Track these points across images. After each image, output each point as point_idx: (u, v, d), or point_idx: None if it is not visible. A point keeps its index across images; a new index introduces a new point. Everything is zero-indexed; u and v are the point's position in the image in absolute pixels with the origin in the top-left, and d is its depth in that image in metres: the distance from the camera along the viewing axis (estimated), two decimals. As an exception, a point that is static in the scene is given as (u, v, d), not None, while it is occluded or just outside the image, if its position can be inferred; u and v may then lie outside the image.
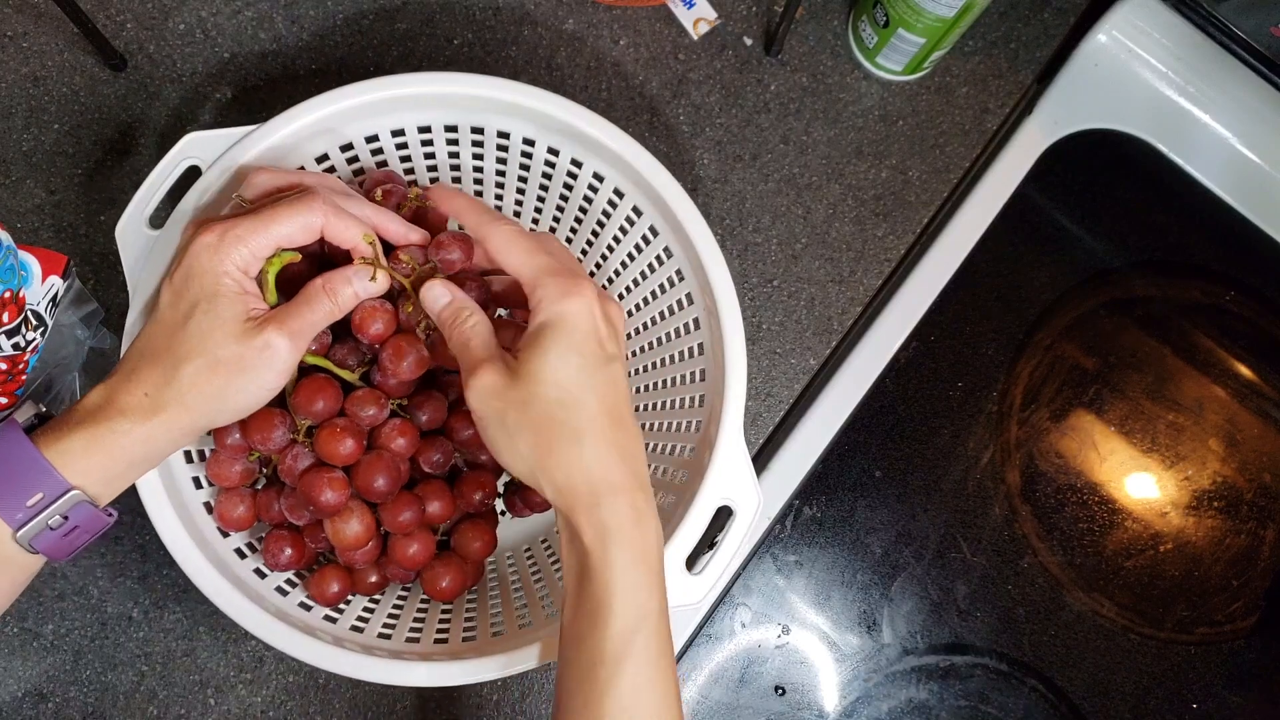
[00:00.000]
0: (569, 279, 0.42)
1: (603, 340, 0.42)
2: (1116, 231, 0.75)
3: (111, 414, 0.40)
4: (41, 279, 0.52)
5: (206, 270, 0.41)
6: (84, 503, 0.40)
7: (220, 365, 0.41)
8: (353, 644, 0.47)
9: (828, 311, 0.67)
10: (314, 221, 0.43)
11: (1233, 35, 0.69)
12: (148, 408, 0.41)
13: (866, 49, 0.68)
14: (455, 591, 0.53)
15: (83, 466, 0.40)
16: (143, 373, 0.41)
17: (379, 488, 0.48)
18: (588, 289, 0.42)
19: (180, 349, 0.41)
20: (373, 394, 0.49)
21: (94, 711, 0.58)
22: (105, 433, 0.40)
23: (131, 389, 0.41)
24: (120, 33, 0.64)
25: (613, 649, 0.39)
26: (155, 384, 0.41)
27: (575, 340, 0.41)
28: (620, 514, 0.40)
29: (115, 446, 0.40)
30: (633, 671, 0.39)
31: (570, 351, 0.41)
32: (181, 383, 0.41)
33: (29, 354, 0.52)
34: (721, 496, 0.49)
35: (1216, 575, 0.70)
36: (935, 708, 0.67)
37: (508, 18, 0.67)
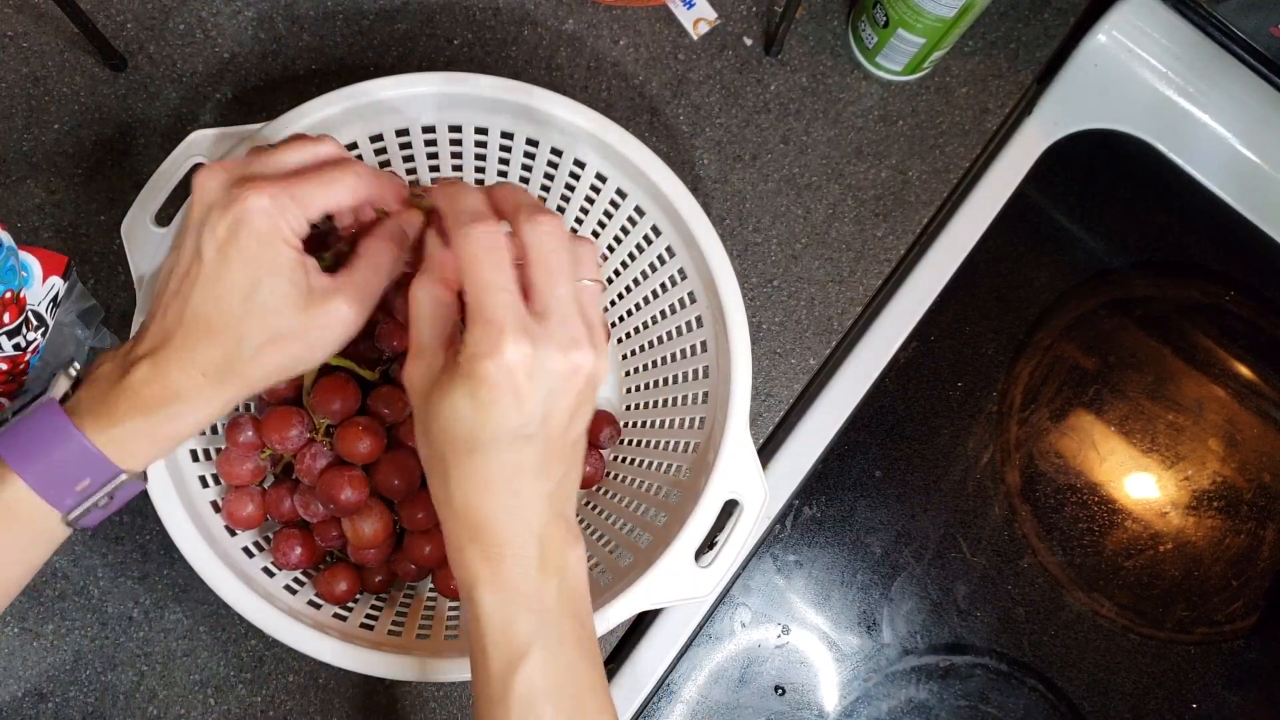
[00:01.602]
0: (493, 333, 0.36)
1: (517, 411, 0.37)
2: (1116, 231, 0.75)
3: (167, 398, 0.39)
4: (42, 279, 0.52)
5: (266, 238, 0.38)
6: (131, 481, 0.40)
7: (286, 340, 0.39)
8: (362, 640, 0.47)
9: (828, 311, 0.67)
10: (361, 191, 0.41)
11: (1233, 35, 0.69)
12: (206, 389, 0.39)
13: (866, 49, 0.68)
14: None
15: (134, 450, 0.39)
16: (198, 350, 0.39)
17: (398, 486, 0.49)
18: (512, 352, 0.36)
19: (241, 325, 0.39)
20: (393, 392, 0.49)
21: (94, 711, 0.58)
22: (161, 420, 0.39)
23: (187, 368, 0.39)
24: (120, 33, 0.64)
25: (496, 691, 0.38)
26: (215, 364, 0.39)
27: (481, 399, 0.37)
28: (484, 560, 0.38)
29: (168, 432, 0.39)
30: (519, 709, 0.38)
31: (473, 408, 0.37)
32: (242, 360, 0.39)
33: (29, 354, 0.52)
34: (729, 490, 0.49)
35: (1216, 575, 0.70)
36: (935, 708, 0.67)
37: (508, 18, 0.67)
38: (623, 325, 0.62)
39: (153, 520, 0.59)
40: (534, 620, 0.39)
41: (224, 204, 0.39)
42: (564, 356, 0.38)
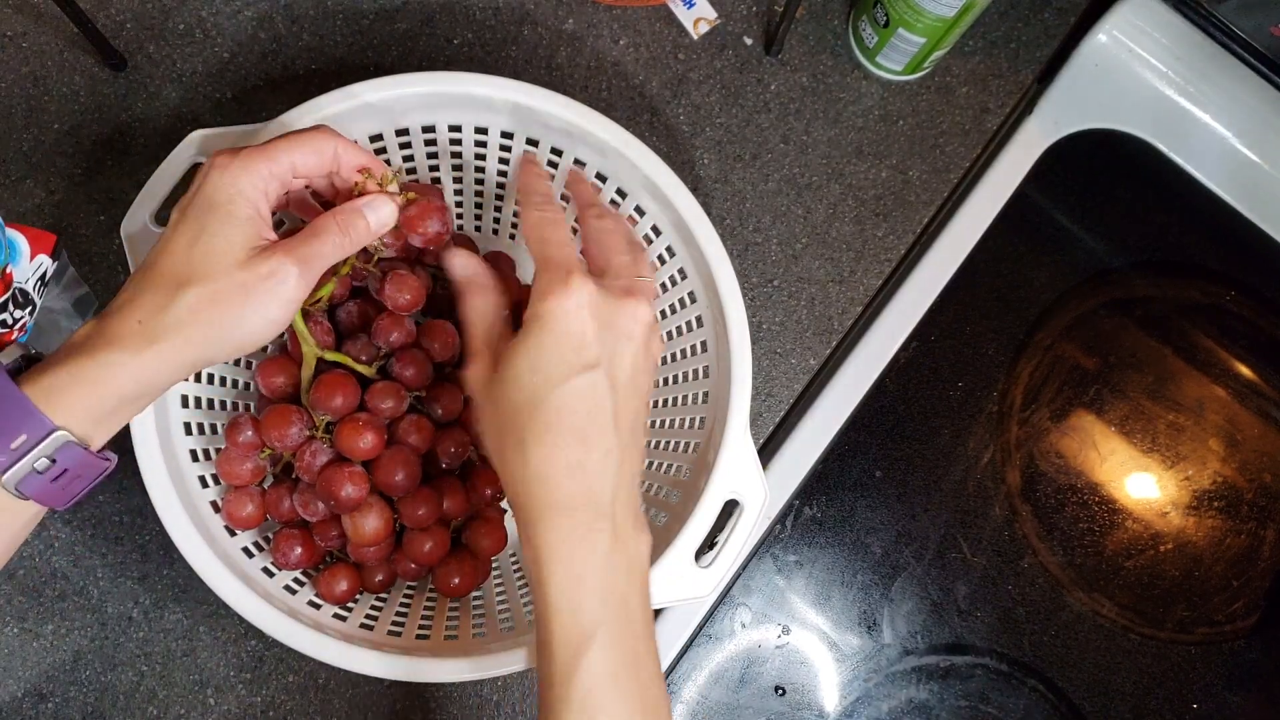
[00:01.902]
0: (561, 275, 0.40)
1: (584, 344, 0.40)
2: (1116, 231, 0.75)
3: (100, 345, 0.37)
4: (30, 257, 0.51)
5: (220, 189, 0.39)
6: (72, 443, 0.37)
7: (223, 292, 0.38)
8: (362, 641, 0.47)
9: (828, 311, 0.67)
10: (327, 147, 0.41)
11: (1233, 35, 0.69)
12: (141, 337, 0.38)
13: (866, 49, 0.68)
14: (467, 588, 0.53)
15: (68, 403, 0.37)
16: (139, 300, 0.38)
17: (399, 482, 0.49)
18: (576, 287, 0.40)
19: (181, 273, 0.38)
20: (391, 386, 0.50)
21: (94, 711, 0.58)
22: (92, 366, 0.37)
23: (125, 317, 0.38)
24: (120, 33, 0.64)
25: (559, 672, 0.38)
26: (150, 310, 0.38)
27: (546, 343, 0.40)
28: (555, 532, 0.39)
29: (103, 380, 0.37)
30: (582, 695, 0.38)
31: (539, 354, 0.40)
32: (179, 310, 0.38)
33: (16, 333, 0.51)
34: (729, 490, 0.49)
35: (1216, 575, 0.70)
36: (935, 708, 0.67)
37: (508, 18, 0.67)
38: None
39: (153, 520, 0.59)
40: (601, 604, 0.39)
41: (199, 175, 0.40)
42: (623, 301, 0.41)
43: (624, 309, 0.41)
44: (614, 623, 0.39)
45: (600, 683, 0.38)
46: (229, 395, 0.54)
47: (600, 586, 0.39)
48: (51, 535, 0.58)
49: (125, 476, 0.59)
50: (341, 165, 0.43)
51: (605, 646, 0.38)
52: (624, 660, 0.39)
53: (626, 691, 0.38)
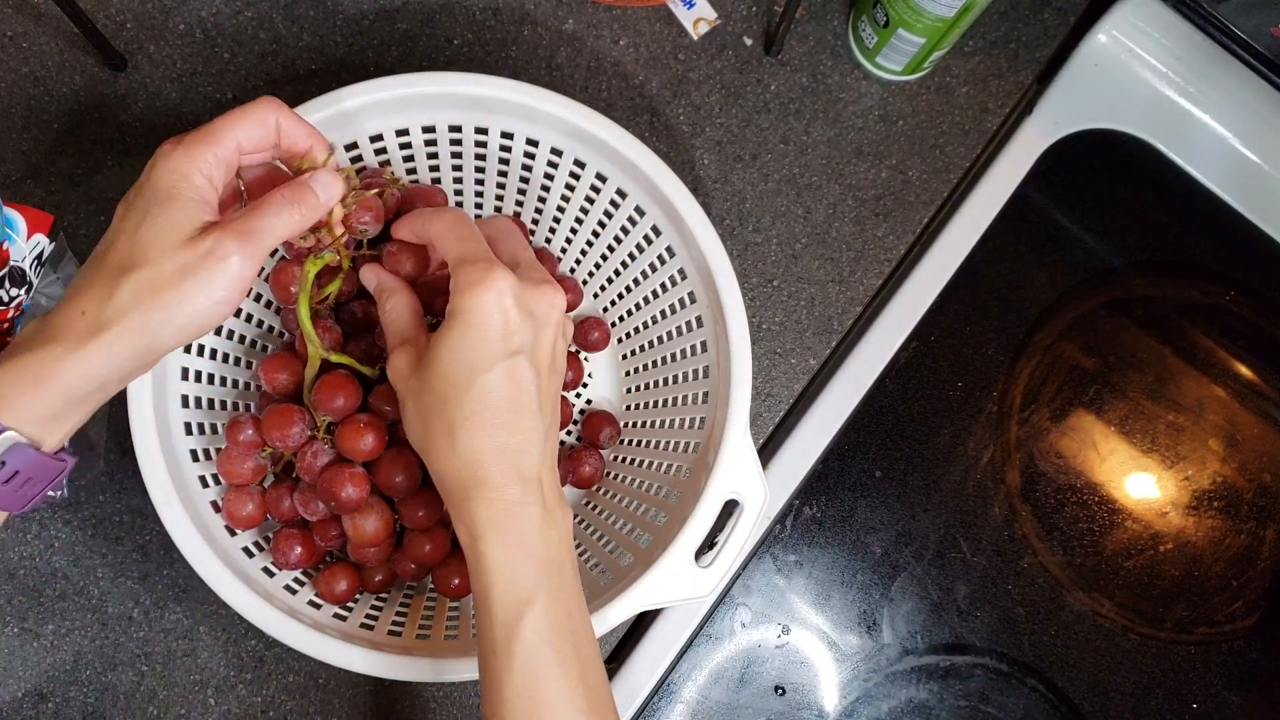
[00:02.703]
0: (482, 268, 0.41)
1: (508, 332, 0.41)
2: (1116, 231, 0.75)
3: (45, 340, 0.36)
4: (26, 236, 0.51)
5: (162, 177, 0.39)
6: (21, 445, 0.36)
7: (164, 277, 0.37)
8: (362, 641, 0.47)
9: (828, 311, 0.67)
10: (269, 117, 0.42)
11: (1233, 35, 0.69)
12: (83, 329, 0.37)
13: (866, 49, 0.68)
14: (467, 590, 0.53)
15: (13, 403, 0.36)
16: (83, 292, 0.37)
17: (399, 484, 0.49)
18: (497, 278, 0.41)
19: (123, 261, 0.38)
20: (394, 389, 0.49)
21: (94, 711, 0.58)
22: (34, 362, 0.36)
23: (69, 311, 0.37)
24: (120, 33, 0.64)
25: (501, 639, 0.40)
26: (93, 301, 0.37)
27: (470, 333, 0.41)
28: (490, 507, 0.40)
29: (48, 377, 0.36)
30: (524, 658, 0.39)
31: (464, 344, 0.41)
32: (121, 297, 0.37)
33: (12, 311, 0.51)
34: (729, 490, 0.49)
35: (1216, 575, 0.70)
36: (935, 708, 0.67)
37: (508, 18, 0.67)
38: (623, 325, 0.62)
39: (153, 520, 0.59)
40: (538, 569, 0.40)
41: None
42: (541, 289, 0.42)
43: (543, 296, 0.42)
44: (550, 589, 0.40)
45: (540, 644, 0.39)
46: (229, 395, 0.54)
47: (536, 555, 0.40)
48: (52, 535, 0.58)
49: (125, 476, 0.59)
50: (284, 136, 0.43)
51: (543, 611, 0.40)
52: (561, 623, 0.40)
53: (564, 651, 0.40)
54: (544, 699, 0.39)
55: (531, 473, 0.41)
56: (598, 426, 0.60)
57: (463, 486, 0.41)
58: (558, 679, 0.39)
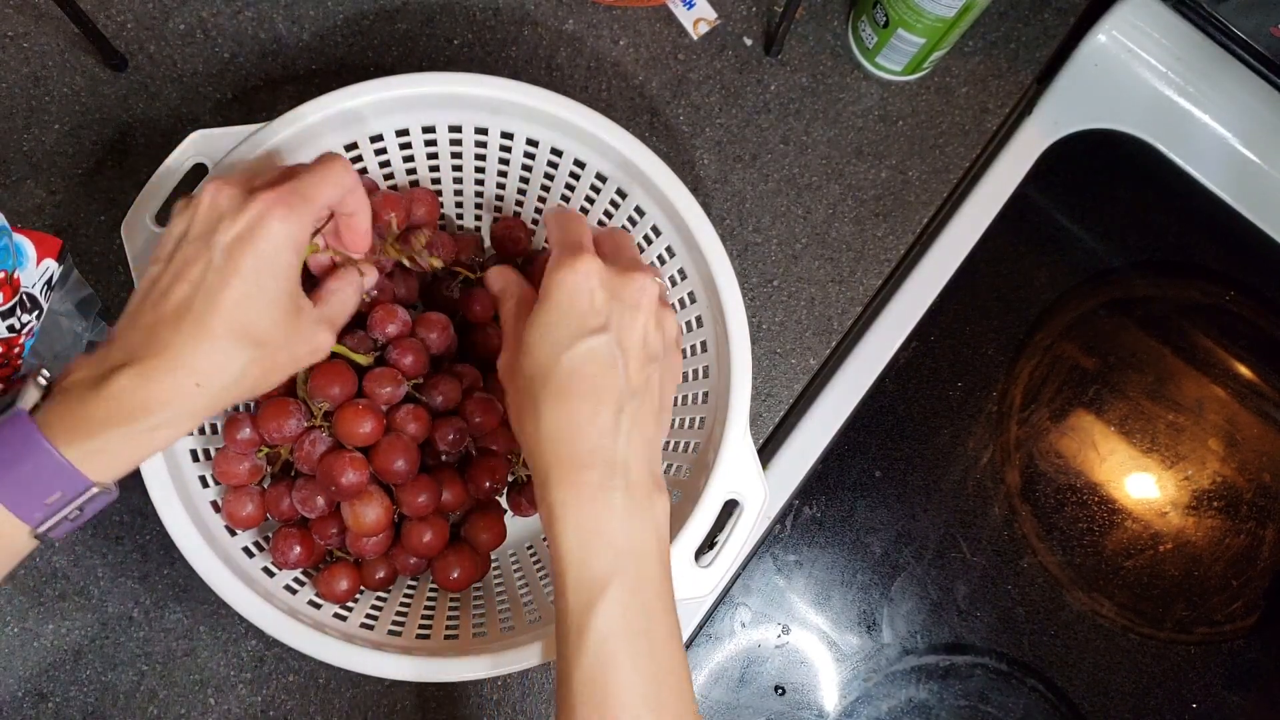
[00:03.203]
0: (565, 252, 0.42)
1: (588, 312, 0.41)
2: (1116, 231, 0.75)
3: (151, 408, 0.37)
4: (36, 262, 0.51)
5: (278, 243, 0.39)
6: (102, 494, 0.38)
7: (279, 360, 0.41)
8: (362, 640, 0.47)
9: (828, 311, 0.67)
10: (346, 182, 0.43)
11: (1233, 35, 0.69)
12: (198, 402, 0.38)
13: (866, 49, 0.68)
14: (466, 582, 0.53)
15: (109, 464, 0.37)
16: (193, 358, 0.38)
17: (399, 469, 0.49)
18: (584, 259, 0.42)
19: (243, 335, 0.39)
20: (389, 372, 0.50)
21: (94, 711, 0.58)
22: (141, 431, 0.37)
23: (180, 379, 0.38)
24: (120, 33, 0.64)
25: (574, 623, 0.39)
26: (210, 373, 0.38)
27: (555, 312, 0.41)
28: (567, 490, 0.40)
29: (147, 444, 0.38)
30: (594, 648, 0.38)
31: (548, 322, 0.41)
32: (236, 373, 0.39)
33: (24, 337, 0.52)
34: (729, 490, 0.49)
35: (1216, 575, 0.70)
36: (935, 708, 0.67)
37: (508, 18, 0.67)
38: None
39: (153, 520, 0.59)
40: (614, 556, 0.39)
41: (235, 211, 0.39)
42: (629, 274, 0.42)
43: (631, 281, 0.42)
44: (628, 577, 0.39)
45: (611, 635, 0.39)
46: None
47: (613, 540, 0.40)
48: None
49: (126, 477, 0.59)
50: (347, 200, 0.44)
51: (618, 599, 0.39)
52: (638, 614, 0.39)
53: (636, 644, 0.39)
54: (611, 690, 0.38)
55: (617, 456, 0.40)
56: None
57: (544, 467, 0.41)
58: (627, 671, 0.38)
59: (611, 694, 0.38)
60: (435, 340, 0.53)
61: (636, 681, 0.38)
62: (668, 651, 0.40)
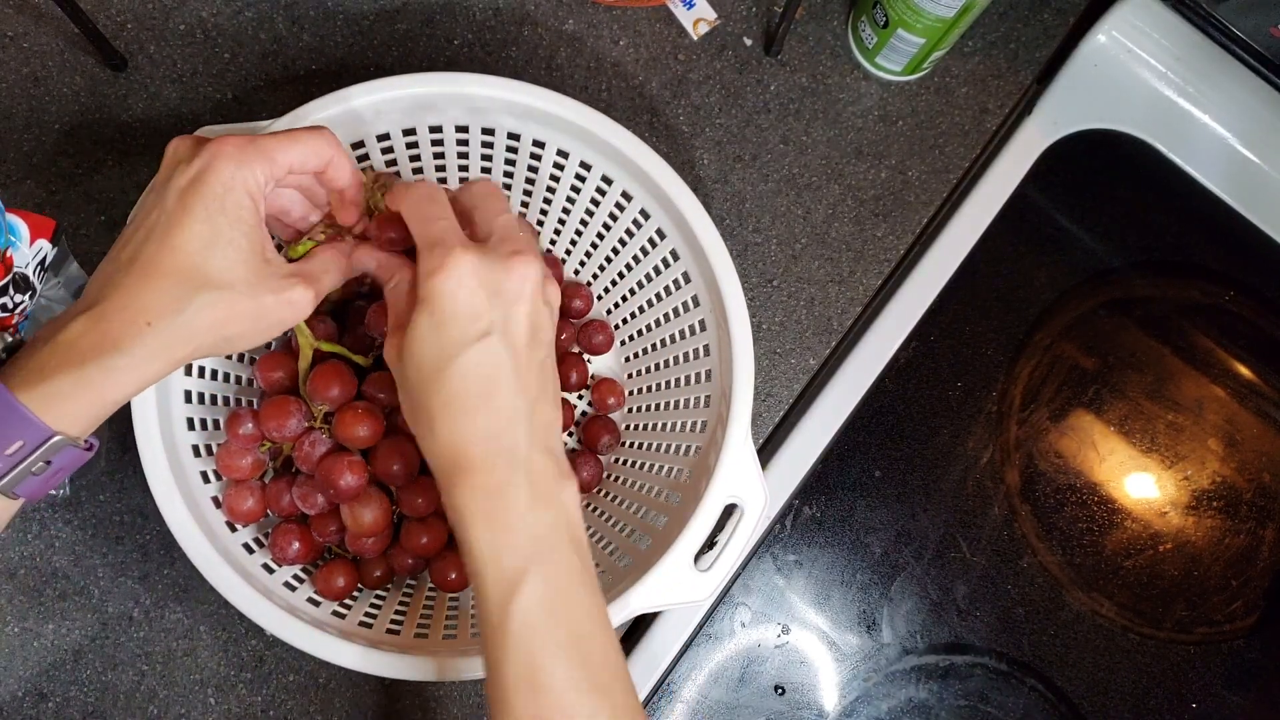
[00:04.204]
0: (440, 253, 0.40)
1: (474, 315, 0.40)
2: (1116, 231, 0.75)
3: (105, 348, 0.36)
4: (29, 242, 0.51)
5: (226, 182, 0.38)
6: (68, 445, 0.37)
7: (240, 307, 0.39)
8: (360, 638, 0.47)
9: (828, 311, 0.67)
10: (325, 150, 0.42)
11: (1232, 35, 0.69)
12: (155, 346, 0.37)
13: (866, 49, 0.68)
14: (464, 584, 0.53)
15: (69, 409, 0.36)
16: (144, 297, 0.37)
17: (397, 471, 0.49)
18: (457, 261, 0.40)
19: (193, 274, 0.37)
20: (388, 376, 0.50)
21: (94, 711, 0.58)
22: (97, 372, 0.36)
23: (130, 317, 0.37)
24: (120, 33, 0.64)
25: (494, 622, 0.39)
26: (161, 313, 0.37)
27: (435, 320, 0.40)
28: (472, 492, 0.40)
29: (107, 385, 0.36)
30: (517, 640, 0.38)
31: (430, 332, 0.40)
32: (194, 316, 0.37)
33: (17, 318, 0.51)
34: (729, 494, 0.49)
35: (1216, 575, 0.70)
36: (935, 707, 0.67)
37: (508, 18, 0.67)
38: (625, 328, 0.62)
39: (153, 520, 0.59)
40: (526, 549, 0.39)
41: (190, 157, 0.39)
42: (509, 264, 0.41)
43: (512, 272, 0.41)
44: (541, 568, 0.39)
45: (534, 624, 0.39)
46: (232, 391, 0.54)
47: (523, 535, 0.40)
48: (52, 535, 0.58)
49: (125, 476, 0.59)
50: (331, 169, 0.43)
51: (534, 591, 0.39)
52: (556, 602, 0.39)
53: (558, 631, 0.39)
54: (541, 679, 0.38)
55: (519, 453, 0.40)
56: (597, 435, 0.60)
57: (446, 474, 0.40)
58: (553, 657, 0.39)
59: (542, 683, 0.38)
60: None
61: (564, 667, 0.39)
62: (593, 634, 0.40)
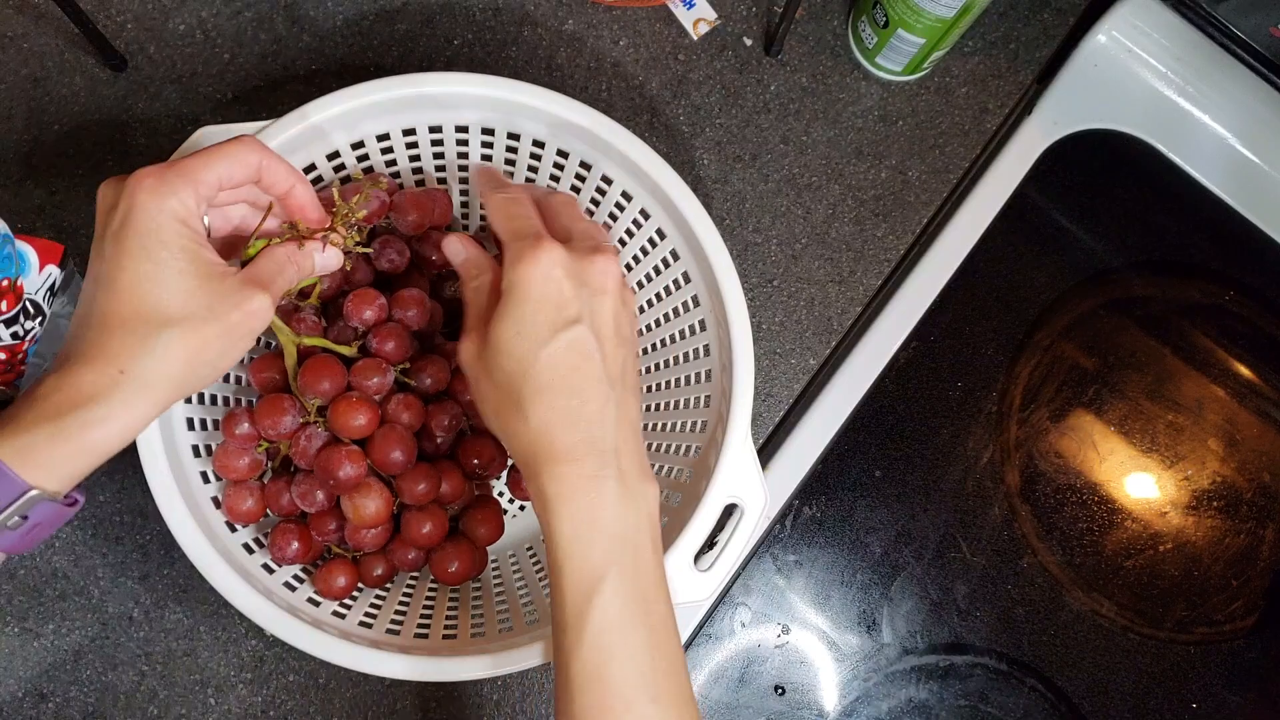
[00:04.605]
0: (528, 243, 0.42)
1: (562, 303, 0.41)
2: (1116, 231, 0.75)
3: (79, 400, 0.36)
4: (39, 268, 0.52)
5: (154, 216, 0.38)
6: (44, 501, 0.36)
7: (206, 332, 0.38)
8: (360, 638, 0.47)
9: (828, 311, 0.67)
10: (251, 159, 0.41)
11: (1232, 35, 0.69)
12: (129, 391, 0.36)
13: (866, 49, 0.68)
14: (464, 575, 0.53)
15: (44, 462, 0.35)
16: (109, 345, 0.36)
17: (396, 460, 0.49)
18: (545, 251, 0.41)
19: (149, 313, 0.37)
20: (374, 362, 0.50)
21: (94, 711, 0.58)
22: (73, 425, 0.35)
23: (100, 367, 0.36)
24: (120, 33, 0.64)
25: (572, 615, 0.39)
26: (129, 358, 0.36)
27: (526, 308, 0.41)
28: (561, 481, 0.40)
29: (84, 439, 0.36)
30: (593, 638, 0.38)
31: (521, 319, 0.41)
32: (162, 355, 0.37)
33: (27, 343, 0.52)
34: (729, 494, 0.49)
35: (1216, 575, 0.70)
36: (935, 707, 0.67)
37: (508, 18, 0.67)
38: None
39: (153, 520, 0.59)
40: (611, 547, 0.40)
41: (115, 200, 0.39)
42: (592, 258, 0.43)
43: (595, 265, 0.43)
44: (625, 566, 0.39)
45: (611, 625, 0.39)
46: (231, 391, 0.54)
47: (609, 529, 0.40)
48: (52, 535, 0.58)
49: (125, 476, 0.59)
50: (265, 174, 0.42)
51: (616, 590, 0.39)
52: (634, 604, 0.39)
53: (635, 635, 0.39)
54: (610, 680, 0.38)
55: (607, 444, 0.41)
56: None
57: (535, 460, 0.41)
58: (626, 661, 0.39)
59: (611, 685, 0.38)
60: (414, 318, 0.52)
61: (634, 671, 0.39)
62: (665, 640, 0.40)
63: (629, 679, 0.38)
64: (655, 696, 0.39)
